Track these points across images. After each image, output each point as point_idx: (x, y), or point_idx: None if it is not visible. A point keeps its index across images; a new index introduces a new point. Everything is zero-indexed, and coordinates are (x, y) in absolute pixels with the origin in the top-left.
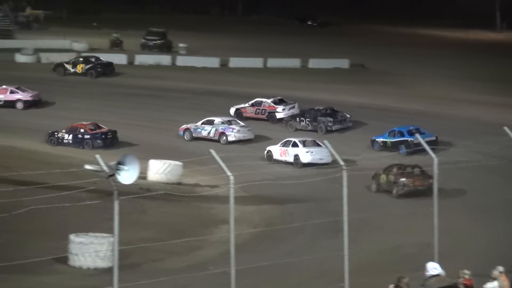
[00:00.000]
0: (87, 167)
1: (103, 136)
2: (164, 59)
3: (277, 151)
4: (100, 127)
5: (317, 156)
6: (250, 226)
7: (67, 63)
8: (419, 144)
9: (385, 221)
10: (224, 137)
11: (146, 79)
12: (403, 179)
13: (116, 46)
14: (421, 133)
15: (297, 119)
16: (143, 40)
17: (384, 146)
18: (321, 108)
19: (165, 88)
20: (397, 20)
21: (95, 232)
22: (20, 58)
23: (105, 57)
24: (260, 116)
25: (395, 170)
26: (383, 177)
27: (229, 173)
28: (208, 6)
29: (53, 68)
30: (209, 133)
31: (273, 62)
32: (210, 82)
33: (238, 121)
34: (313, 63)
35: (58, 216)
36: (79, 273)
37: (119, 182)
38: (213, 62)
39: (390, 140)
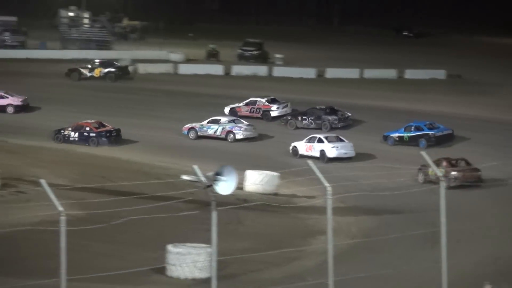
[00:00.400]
0: (185, 177)
1: (107, 134)
2: (261, 70)
3: (303, 146)
4: (104, 125)
5: (342, 150)
6: (347, 237)
7: (83, 67)
8: (439, 138)
9: (482, 231)
10: (232, 135)
11: (243, 89)
12: (455, 173)
13: (212, 56)
14: (436, 127)
15: (299, 118)
16: (240, 51)
17: (400, 140)
18: (322, 107)
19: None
20: (494, 31)
21: (192, 243)
22: None
23: (201, 68)
24: (254, 114)
25: (444, 163)
26: (431, 170)
27: (326, 184)
28: (304, 17)
29: (67, 73)
30: (215, 131)
31: (369, 73)
32: (307, 92)
33: (242, 120)
34: (410, 73)
35: (156, 226)
36: (177, 283)
37: (217, 193)
38: (309, 72)
39: (408, 134)
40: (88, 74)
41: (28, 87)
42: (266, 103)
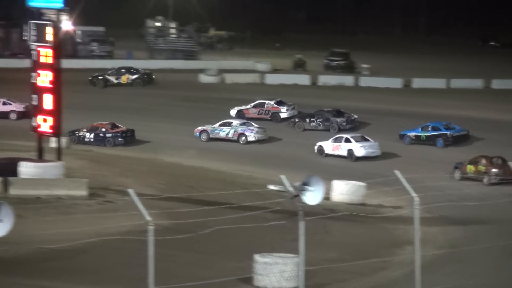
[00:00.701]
0: (271, 187)
1: (124, 135)
2: (347, 80)
3: (329, 146)
4: (118, 127)
5: (370, 150)
6: (434, 247)
7: (109, 74)
8: (456, 138)
9: None
10: (244, 138)
11: (329, 99)
12: (495, 170)
13: (299, 66)
14: (452, 128)
15: (307, 120)
16: (326, 61)
17: (417, 139)
18: (330, 109)
19: (348, 109)
20: None
21: (279, 252)
22: (204, 78)
23: (288, 78)
24: (263, 116)
25: (484, 161)
26: (470, 168)
27: (413, 194)
28: (390, 27)
29: (90, 80)
30: (227, 134)
31: (456, 83)
32: (393, 102)
33: (252, 123)
34: (497, 83)
35: (243, 236)
36: None
37: (304, 203)
38: (396, 82)
39: (425, 134)
40: (115, 81)
41: (112, 96)
42: (275, 105)
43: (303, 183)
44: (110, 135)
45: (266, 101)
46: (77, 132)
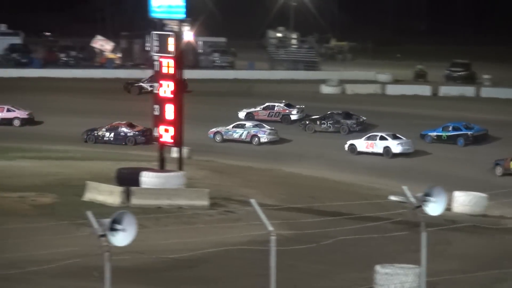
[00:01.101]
0: (393, 198)
1: (144, 134)
2: (468, 91)
3: (362, 144)
4: (135, 126)
5: (406, 146)
6: None
7: (143, 81)
8: (476, 137)
9: None
10: (256, 139)
11: (450, 110)
12: None
13: (420, 77)
14: (471, 127)
15: (317, 122)
16: (447, 72)
17: (438, 139)
18: (339, 112)
19: (469, 119)
20: None
21: (401, 263)
22: (325, 89)
23: (409, 88)
24: (273, 118)
25: None
26: None
27: None
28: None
29: (125, 86)
30: (241, 135)
31: None
32: None
33: (264, 125)
34: None
35: (364, 247)
36: None
37: (426, 214)
38: None
39: (446, 134)
40: (149, 89)
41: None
42: (285, 107)
43: (425, 194)
44: (132, 134)
45: (276, 103)
46: (95, 132)
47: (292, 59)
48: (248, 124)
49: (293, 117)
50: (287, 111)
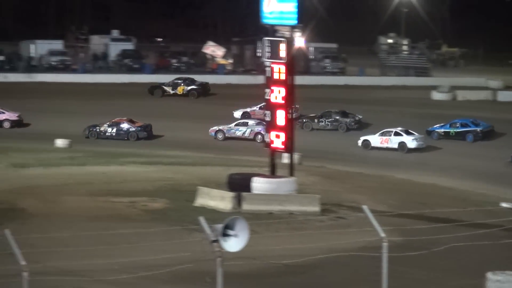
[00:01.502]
0: (504, 205)
1: (146, 129)
2: None
3: (377, 140)
4: (135, 122)
5: (420, 142)
6: None
7: (165, 85)
8: (485, 133)
9: None
10: (260, 136)
11: None
12: None
13: None
14: (478, 124)
15: (315, 120)
16: None
17: (446, 135)
18: (336, 110)
19: None
20: None
21: None
22: (436, 95)
23: None
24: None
25: None
26: None
27: None
28: None
29: (149, 90)
30: (244, 133)
31: None
32: None
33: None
34: None
35: (475, 254)
36: None
37: None
38: None
39: (454, 130)
40: (171, 92)
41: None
42: None
43: None
44: (134, 129)
45: None
46: (97, 128)
47: (403, 65)
48: (251, 122)
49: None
50: None
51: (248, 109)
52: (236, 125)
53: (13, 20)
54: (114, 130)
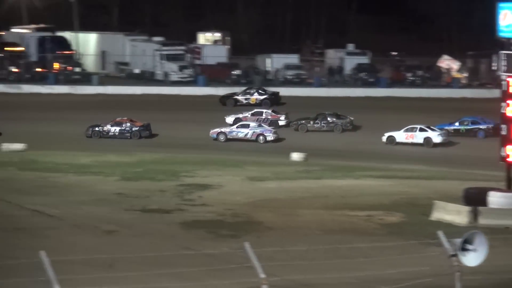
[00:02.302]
0: None
1: (147, 128)
2: None
3: (402, 135)
4: (135, 121)
5: (445, 137)
6: None
7: (237, 94)
8: (495, 129)
9: None
10: (262, 137)
11: None
12: None
13: None
14: (486, 121)
15: (311, 122)
16: None
17: (456, 132)
18: (330, 112)
19: None
20: None
21: None
22: None
23: None
24: (262, 123)
25: None
26: None
27: None
28: None
29: (221, 99)
30: (246, 135)
31: None
32: None
33: (264, 125)
34: None
35: None
36: None
37: None
38: None
39: (464, 127)
40: (244, 101)
41: None
42: (274, 113)
43: None
44: (136, 128)
45: (264, 110)
46: (99, 127)
47: None
48: (253, 124)
49: (281, 123)
50: (276, 117)
51: (240, 115)
52: (237, 127)
53: (249, 35)
54: (117, 129)
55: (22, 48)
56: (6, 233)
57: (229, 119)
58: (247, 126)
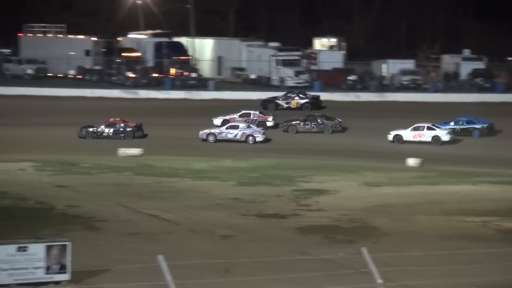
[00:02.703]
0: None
1: (141, 128)
2: None
3: (409, 134)
4: (128, 122)
5: (452, 135)
6: None
7: (278, 98)
8: (489, 129)
9: None
10: (251, 138)
11: None
12: None
13: None
14: (480, 121)
15: (301, 124)
16: None
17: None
18: (320, 114)
19: None
20: None
21: None
22: None
23: None
24: (250, 125)
25: None
26: None
27: None
28: None
29: (262, 103)
30: (235, 135)
31: None
32: None
33: (253, 126)
34: None
35: None
36: None
37: None
38: None
39: (460, 127)
40: (285, 105)
41: None
42: (261, 114)
43: None
44: (130, 129)
45: (252, 111)
46: (94, 128)
47: None
48: (242, 125)
49: (269, 124)
50: (264, 118)
51: (228, 117)
52: (227, 128)
53: (364, 40)
54: (111, 130)
55: (139, 54)
56: (123, 237)
57: (217, 121)
58: (236, 127)
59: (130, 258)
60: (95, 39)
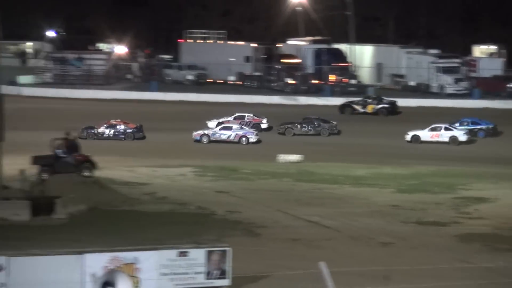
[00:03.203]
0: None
1: (141, 129)
2: None
3: (427, 134)
4: (128, 123)
5: (469, 135)
6: None
7: (355, 103)
8: (494, 130)
9: None
10: (244, 139)
11: None
12: None
13: None
14: (483, 122)
15: (298, 126)
16: None
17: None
18: (316, 117)
19: None
20: None
21: None
22: None
23: None
24: (244, 127)
25: None
26: None
27: None
28: None
29: (340, 108)
30: (229, 136)
31: None
32: None
33: (245, 127)
34: None
35: None
36: None
37: None
38: None
39: (465, 127)
40: (361, 110)
41: None
42: (255, 117)
43: None
44: (130, 130)
45: (246, 114)
46: (95, 130)
47: None
48: (235, 126)
49: (263, 126)
50: (257, 120)
51: (223, 119)
52: (220, 129)
53: None
54: (112, 131)
55: (298, 60)
56: (283, 243)
57: (211, 123)
58: (229, 128)
59: (290, 264)
60: (255, 45)
